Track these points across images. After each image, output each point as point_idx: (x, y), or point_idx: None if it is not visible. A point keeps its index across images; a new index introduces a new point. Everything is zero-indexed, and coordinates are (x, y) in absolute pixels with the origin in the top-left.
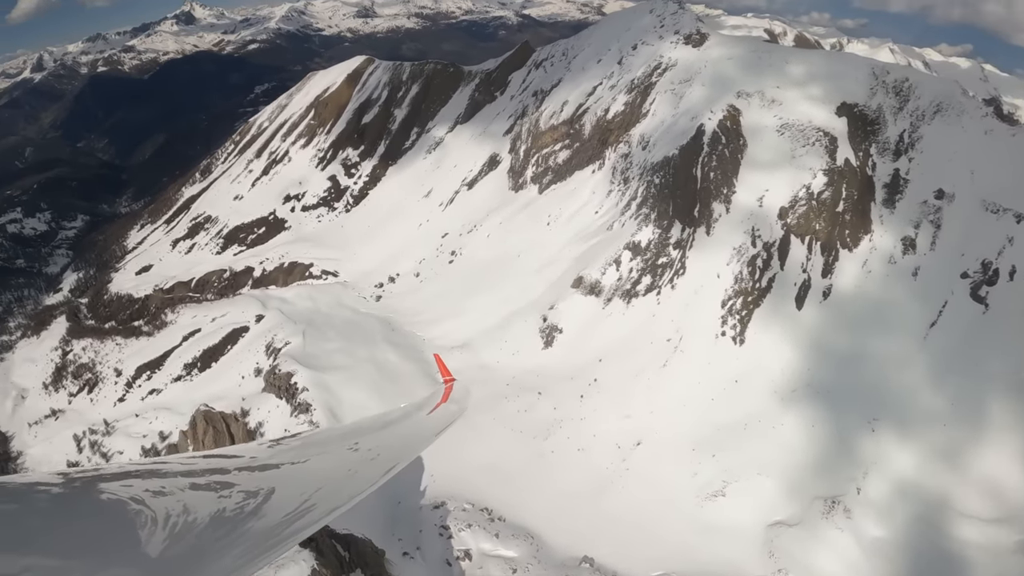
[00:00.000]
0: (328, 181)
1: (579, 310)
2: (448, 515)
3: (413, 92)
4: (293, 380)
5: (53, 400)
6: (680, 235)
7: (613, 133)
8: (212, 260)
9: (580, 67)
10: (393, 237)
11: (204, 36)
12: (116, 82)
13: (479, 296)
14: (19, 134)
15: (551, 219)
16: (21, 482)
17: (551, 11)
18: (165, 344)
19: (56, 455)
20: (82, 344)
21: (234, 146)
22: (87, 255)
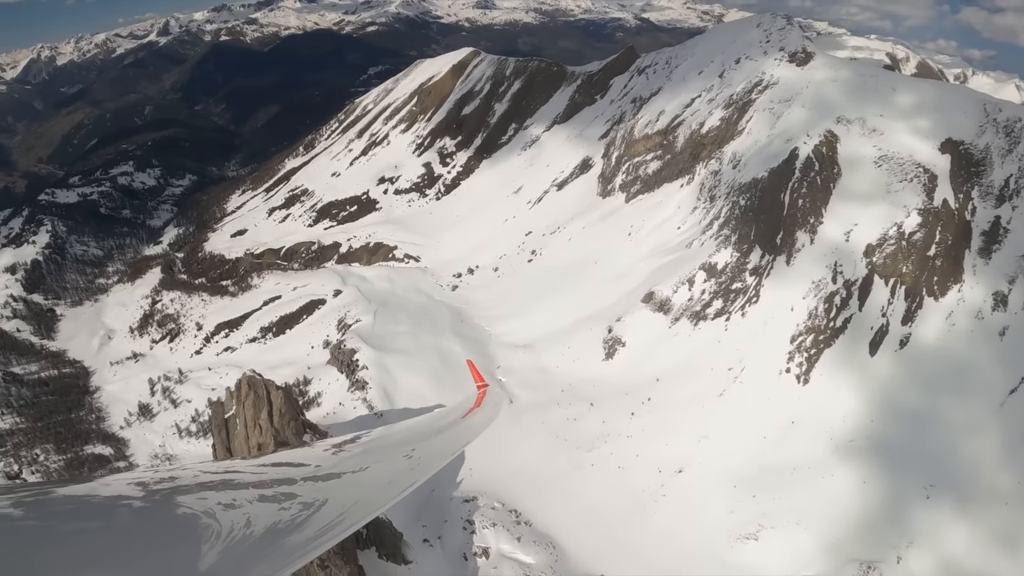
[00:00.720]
0: (423, 168)
1: (645, 326)
2: (476, 511)
3: (515, 88)
4: (356, 357)
5: (136, 344)
6: (759, 261)
7: (706, 148)
8: (303, 232)
9: (681, 77)
10: (478, 229)
11: (325, 15)
12: (237, 52)
13: (551, 298)
14: (141, 93)
15: (633, 230)
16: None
17: (671, 16)
18: (246, 306)
19: (130, 395)
20: (171, 296)
21: (338, 124)
22: (189, 213)
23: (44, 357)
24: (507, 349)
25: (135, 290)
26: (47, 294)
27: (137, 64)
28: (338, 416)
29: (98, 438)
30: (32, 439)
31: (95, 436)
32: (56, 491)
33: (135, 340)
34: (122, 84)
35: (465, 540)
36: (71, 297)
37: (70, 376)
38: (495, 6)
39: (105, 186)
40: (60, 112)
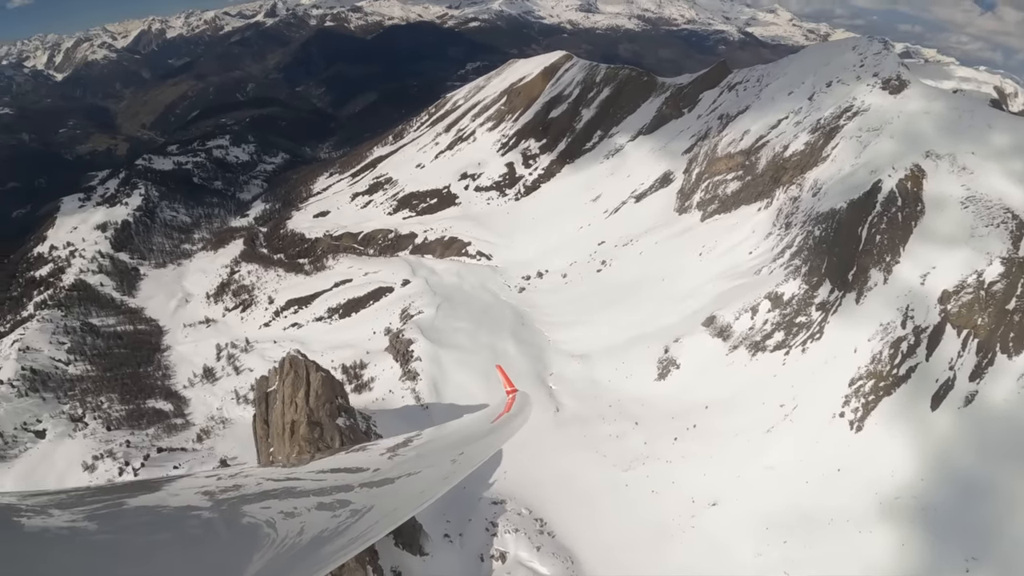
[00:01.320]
0: (505, 167)
1: (702, 350)
2: (503, 514)
3: (604, 95)
4: (412, 348)
5: (210, 310)
6: (827, 296)
7: (787, 173)
8: (382, 219)
9: (770, 97)
10: (552, 234)
11: (429, 7)
12: (340, 38)
13: (613, 311)
14: (244, 70)
15: (704, 250)
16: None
17: (775, 32)
18: (318, 285)
19: (197, 357)
20: (249, 268)
21: (428, 117)
22: (278, 190)
23: (122, 312)
24: (563, 357)
25: (216, 259)
26: (133, 254)
27: (243, 42)
28: (386, 403)
29: (161, 394)
30: (99, 387)
31: (158, 392)
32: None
33: (210, 306)
34: (227, 60)
35: (485, 541)
36: (155, 259)
37: (144, 333)
38: (598, 10)
39: (200, 157)
40: (166, 82)
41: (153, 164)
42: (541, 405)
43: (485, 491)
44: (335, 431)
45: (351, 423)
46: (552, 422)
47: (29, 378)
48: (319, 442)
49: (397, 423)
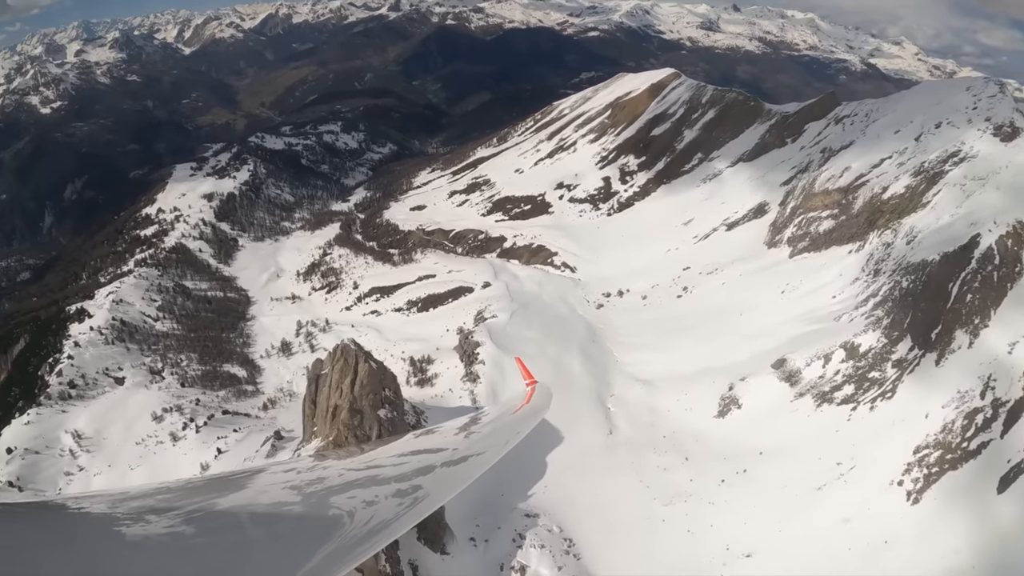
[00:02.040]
0: (602, 181)
1: (767, 393)
2: (533, 527)
3: (708, 117)
4: (478, 350)
5: (298, 287)
6: (905, 353)
7: (883, 216)
8: (475, 219)
9: (875, 134)
10: (639, 254)
11: (551, 13)
12: (460, 36)
13: (686, 339)
14: (364, 60)
15: (788, 288)
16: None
17: (899, 66)
18: (402, 277)
19: (278, 330)
20: (341, 251)
21: (533, 123)
22: (381, 180)
23: (215, 279)
24: (627, 380)
25: (312, 239)
26: (234, 225)
27: (365, 33)
28: (443, 400)
29: (238, 360)
30: (182, 346)
31: (236, 358)
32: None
33: (298, 284)
34: (348, 49)
35: (509, 552)
36: (255, 232)
37: (232, 301)
38: (720, 29)
39: (311, 140)
40: (288, 65)
41: (265, 142)
42: (595, 425)
43: (522, 502)
44: (375, 421)
45: (393, 415)
46: (603, 444)
47: (118, 328)
48: (357, 429)
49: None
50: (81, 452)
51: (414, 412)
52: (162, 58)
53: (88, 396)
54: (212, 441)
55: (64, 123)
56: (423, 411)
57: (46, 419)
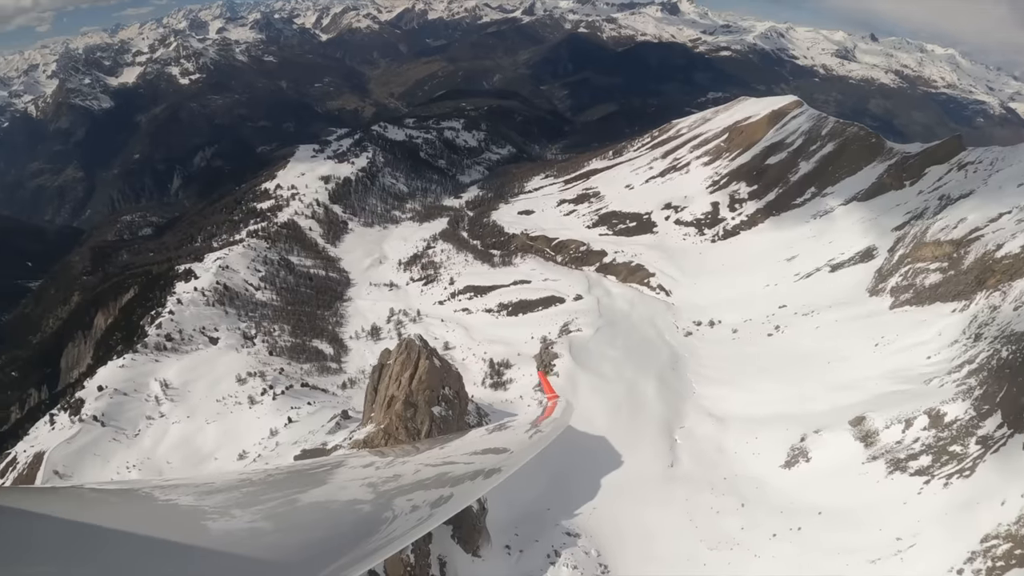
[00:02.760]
0: (710, 206)
1: (839, 450)
2: (571, 547)
3: (826, 150)
4: (555, 362)
5: (397, 276)
6: (992, 430)
7: (994, 276)
8: (579, 231)
9: (997, 185)
10: (737, 285)
11: (683, 30)
12: (591, 46)
13: (767, 380)
14: (494, 61)
15: (883, 342)
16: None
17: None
18: (498, 279)
19: (371, 315)
20: (444, 246)
21: (650, 140)
22: (495, 180)
23: (320, 258)
24: (699, 414)
25: (419, 231)
26: (346, 208)
27: (498, 35)
28: (511, 406)
29: (327, 338)
30: (277, 316)
31: (326, 335)
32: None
33: (398, 272)
34: (480, 49)
35: (541, 567)
36: (365, 218)
37: (333, 280)
38: (855, 59)
39: (432, 134)
40: (420, 60)
41: (387, 132)
42: (658, 455)
43: (566, 519)
44: (428, 416)
45: (448, 414)
46: (661, 475)
47: (220, 292)
48: (409, 421)
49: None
50: (165, 400)
51: (477, 413)
52: (299, 42)
53: (181, 350)
54: (286, 410)
55: (200, 95)
56: (487, 414)
57: (139, 365)
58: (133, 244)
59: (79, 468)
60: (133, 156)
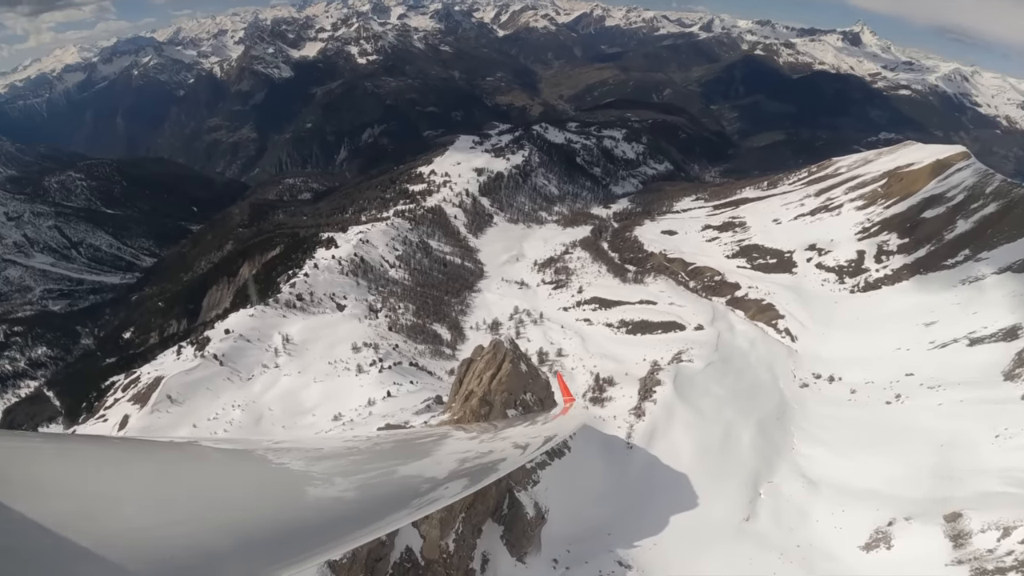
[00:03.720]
0: (855, 254)
1: (924, 544)
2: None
3: (987, 211)
4: (656, 388)
5: (529, 275)
6: None
7: None
8: (717, 259)
9: None
10: (866, 342)
11: (863, 62)
12: (766, 70)
13: (873, 452)
14: (665, 75)
15: (1004, 434)
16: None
17: None
18: (625, 295)
19: (496, 309)
20: (581, 254)
21: (807, 175)
22: (646, 196)
23: (459, 246)
24: (792, 472)
25: (561, 235)
26: (494, 202)
27: (672, 48)
28: (603, 424)
29: (448, 324)
30: (405, 295)
31: (447, 321)
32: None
33: (531, 272)
34: (653, 61)
35: None
36: (511, 214)
37: (467, 270)
38: None
39: (591, 141)
40: (592, 65)
41: (547, 133)
42: (736, 506)
43: (623, 548)
44: (501, 417)
45: (518, 416)
46: (733, 527)
47: (356, 263)
48: (483, 418)
49: (592, 445)
50: (283, 353)
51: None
52: (476, 35)
53: (309, 311)
54: (388, 384)
55: (375, 75)
56: (551, 420)
57: (267, 317)
58: (290, 206)
59: (190, 397)
60: (305, 124)
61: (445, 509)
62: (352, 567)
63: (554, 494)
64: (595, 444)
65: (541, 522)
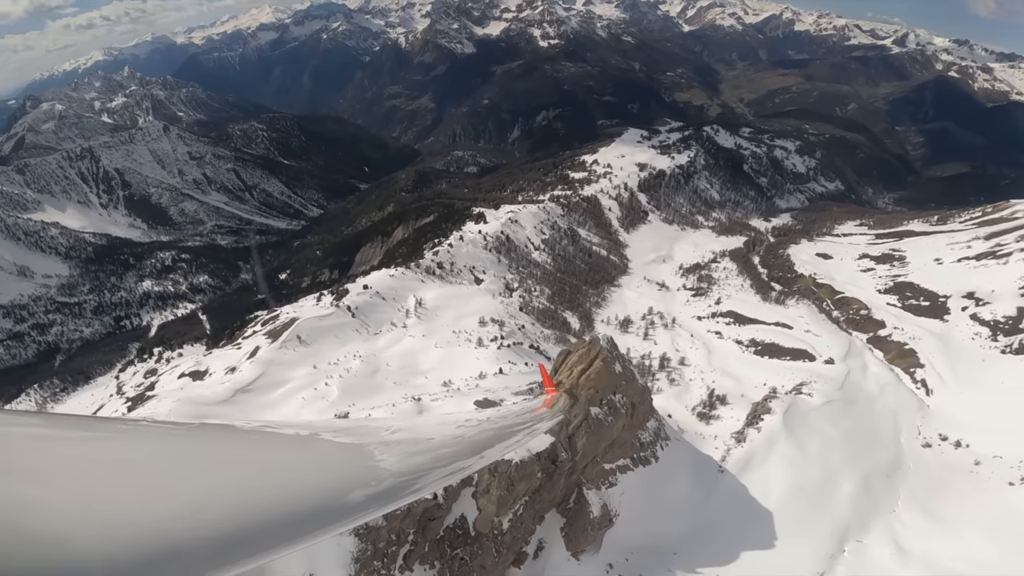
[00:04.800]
0: (1015, 311)
1: None
2: None
3: None
4: (764, 417)
5: (671, 278)
6: None
7: None
8: (867, 292)
9: None
10: (1007, 410)
11: None
12: (959, 94)
13: (979, 537)
14: (852, 88)
15: None
16: None
17: None
18: (762, 314)
19: (631, 307)
20: (728, 265)
21: (980, 215)
22: (809, 214)
23: (608, 239)
24: (886, 537)
25: (713, 242)
26: (651, 200)
27: (862, 60)
28: (700, 441)
29: (580, 314)
30: (542, 278)
31: (579, 311)
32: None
33: (675, 275)
34: (840, 72)
35: None
36: (666, 214)
37: (611, 263)
38: None
39: (761, 149)
40: (776, 70)
41: (717, 136)
42: (816, 558)
43: (684, 572)
44: (583, 412)
45: (607, 419)
46: None
47: (501, 241)
48: (566, 409)
49: (682, 461)
50: (413, 316)
51: (657, 434)
52: (660, 28)
53: (446, 280)
54: (503, 362)
55: (555, 59)
56: (668, 437)
57: (405, 280)
58: (455, 177)
59: (318, 341)
60: (482, 100)
61: (504, 487)
62: (405, 519)
63: (629, 500)
64: (686, 460)
65: (607, 524)
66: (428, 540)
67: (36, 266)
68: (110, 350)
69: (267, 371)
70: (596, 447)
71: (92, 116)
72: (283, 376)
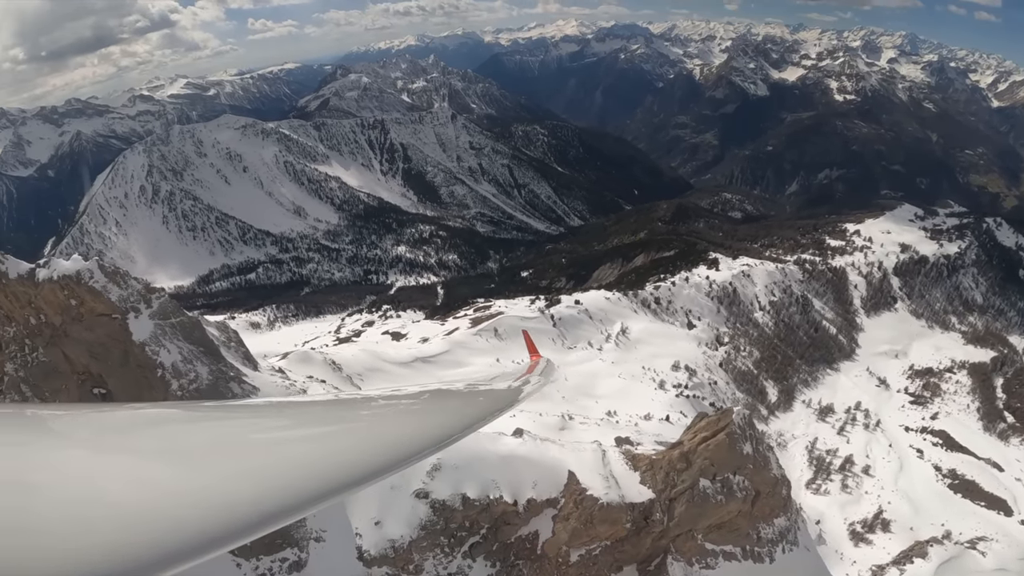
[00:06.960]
0: None
1: None
2: None
3: None
4: (914, 560)
5: (896, 377)
6: None
7: None
8: None
9: None
10: None
11: None
12: None
13: None
14: None
15: None
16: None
17: None
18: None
19: (840, 393)
20: (962, 379)
21: None
22: None
23: (842, 316)
24: None
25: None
26: (904, 286)
27: None
28: (833, 560)
29: (782, 388)
30: (757, 341)
31: (781, 384)
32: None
33: (901, 375)
34: None
35: None
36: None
37: (837, 344)
38: None
39: None
40: None
41: (998, 232)
42: None
43: None
44: (692, 481)
45: (716, 497)
46: None
47: (727, 291)
48: (676, 474)
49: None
50: (612, 342)
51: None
52: (966, 100)
53: (659, 315)
54: (675, 411)
55: (847, 116)
56: (795, 542)
57: (618, 306)
58: (716, 218)
59: (511, 338)
60: (766, 146)
61: (582, 521)
62: (483, 512)
63: None
64: (807, 565)
65: None
66: (499, 540)
67: (311, 209)
68: (349, 296)
69: (453, 350)
70: (696, 520)
71: (392, 93)
72: (465, 359)
